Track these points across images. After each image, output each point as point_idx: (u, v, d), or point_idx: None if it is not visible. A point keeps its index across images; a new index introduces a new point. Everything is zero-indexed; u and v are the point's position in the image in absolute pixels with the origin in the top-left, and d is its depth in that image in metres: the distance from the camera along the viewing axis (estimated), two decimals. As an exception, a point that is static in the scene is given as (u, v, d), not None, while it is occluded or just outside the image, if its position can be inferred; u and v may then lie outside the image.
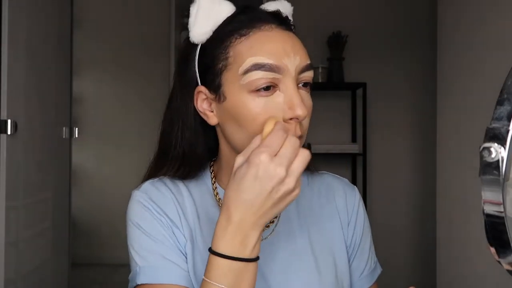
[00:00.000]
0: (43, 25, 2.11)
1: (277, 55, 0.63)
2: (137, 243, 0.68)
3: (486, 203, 0.37)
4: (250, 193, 0.55)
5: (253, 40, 0.65)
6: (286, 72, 0.64)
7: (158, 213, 0.69)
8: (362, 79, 2.78)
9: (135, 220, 0.69)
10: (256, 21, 0.66)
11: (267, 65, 0.63)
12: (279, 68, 0.63)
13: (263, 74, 0.63)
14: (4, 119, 1.72)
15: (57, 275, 2.32)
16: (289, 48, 0.64)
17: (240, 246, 0.56)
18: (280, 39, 0.65)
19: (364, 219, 0.81)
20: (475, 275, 1.70)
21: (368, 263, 0.80)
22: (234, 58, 0.65)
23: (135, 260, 0.68)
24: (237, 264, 0.56)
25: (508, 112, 0.36)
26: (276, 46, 0.64)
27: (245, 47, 0.64)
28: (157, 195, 0.71)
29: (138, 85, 3.79)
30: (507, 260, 0.38)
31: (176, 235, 0.69)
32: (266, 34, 0.65)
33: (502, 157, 0.35)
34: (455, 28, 1.89)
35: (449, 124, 1.93)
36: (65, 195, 2.44)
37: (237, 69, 0.64)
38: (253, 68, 0.63)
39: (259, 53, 0.63)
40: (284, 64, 0.63)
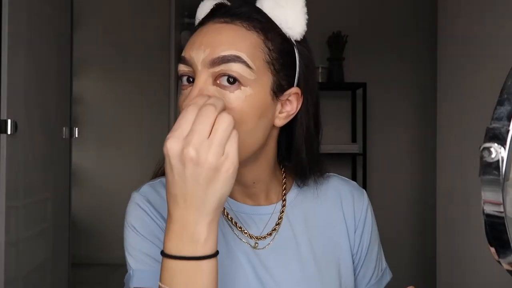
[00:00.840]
0: (43, 25, 2.11)
1: (189, 48, 0.62)
2: (131, 245, 0.67)
3: (486, 203, 0.37)
4: (174, 187, 0.51)
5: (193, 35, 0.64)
6: (194, 65, 0.61)
7: (155, 216, 0.68)
8: (362, 79, 2.78)
9: (130, 222, 0.68)
10: (208, 16, 0.65)
11: (182, 58, 0.62)
12: (187, 61, 0.61)
13: (181, 67, 0.62)
14: (4, 119, 1.72)
15: (57, 275, 2.32)
16: (204, 41, 0.61)
17: (187, 243, 0.51)
18: (205, 33, 0.62)
19: (372, 225, 0.78)
20: (475, 274, 1.70)
21: (375, 271, 0.77)
22: None
23: (129, 263, 0.67)
24: (187, 264, 0.51)
25: (508, 112, 0.36)
26: (195, 39, 0.62)
27: None
28: (155, 198, 0.69)
29: (138, 85, 3.79)
30: (507, 260, 0.38)
31: None
32: (201, 29, 0.63)
33: (502, 157, 0.35)
34: (455, 28, 1.89)
35: (449, 124, 1.93)
36: (65, 195, 2.44)
37: None
38: (179, 61, 0.63)
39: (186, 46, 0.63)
40: (191, 57, 0.61)
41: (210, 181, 0.50)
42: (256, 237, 0.69)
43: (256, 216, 0.70)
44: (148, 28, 3.73)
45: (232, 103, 0.58)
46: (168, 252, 0.52)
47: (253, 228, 0.70)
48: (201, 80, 0.59)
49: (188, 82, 0.62)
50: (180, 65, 0.63)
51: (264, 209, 0.71)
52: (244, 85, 0.59)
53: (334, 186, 0.78)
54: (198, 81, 0.59)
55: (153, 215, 0.68)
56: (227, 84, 0.59)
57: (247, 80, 0.59)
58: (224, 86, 0.59)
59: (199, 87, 0.59)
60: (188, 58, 0.61)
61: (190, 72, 0.62)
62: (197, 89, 0.59)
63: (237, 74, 0.58)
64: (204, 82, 0.59)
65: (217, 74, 0.59)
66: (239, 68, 0.59)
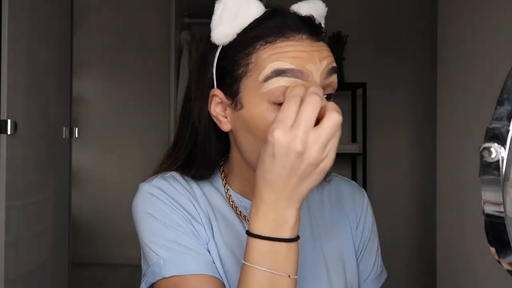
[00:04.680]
0: (43, 25, 2.11)
1: (301, 60, 0.58)
2: (156, 234, 0.64)
3: (486, 203, 0.37)
4: (270, 173, 0.53)
5: (278, 47, 0.59)
6: (310, 78, 0.58)
7: (175, 206, 0.66)
8: (362, 79, 2.78)
9: (147, 212, 0.65)
10: (285, 29, 0.60)
11: (288, 70, 0.58)
12: (302, 74, 0.58)
13: (285, 81, 0.58)
14: (4, 119, 1.72)
15: (57, 275, 2.32)
16: (315, 54, 0.60)
17: (276, 226, 0.54)
18: (309, 48, 0.60)
19: (372, 223, 0.80)
20: (475, 274, 1.70)
21: (374, 268, 0.79)
22: (255, 65, 0.60)
23: (155, 253, 0.63)
24: (275, 245, 0.54)
25: (508, 112, 0.36)
26: (301, 53, 0.59)
27: (268, 53, 0.59)
28: (170, 189, 0.67)
29: (138, 85, 3.79)
30: (507, 260, 0.38)
31: (197, 229, 0.66)
32: (294, 43, 0.60)
33: (502, 157, 0.35)
34: (455, 28, 1.89)
35: (449, 124, 1.93)
36: (65, 195, 2.44)
37: (258, 76, 0.59)
38: (273, 75, 0.58)
39: (281, 58, 0.58)
40: (308, 70, 0.58)
41: (308, 174, 0.52)
42: None
43: None
44: (148, 28, 3.73)
45: None
46: (257, 232, 0.54)
47: None
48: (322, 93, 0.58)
49: None
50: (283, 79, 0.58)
51: None
52: None
53: (335, 186, 0.79)
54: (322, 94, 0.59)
55: (170, 204, 0.66)
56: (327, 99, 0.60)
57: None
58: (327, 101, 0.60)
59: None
60: (304, 70, 0.58)
61: None
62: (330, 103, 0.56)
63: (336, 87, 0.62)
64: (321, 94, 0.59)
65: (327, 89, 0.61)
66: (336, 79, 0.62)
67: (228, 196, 0.71)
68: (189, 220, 0.66)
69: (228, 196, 0.71)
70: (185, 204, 0.66)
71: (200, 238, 0.65)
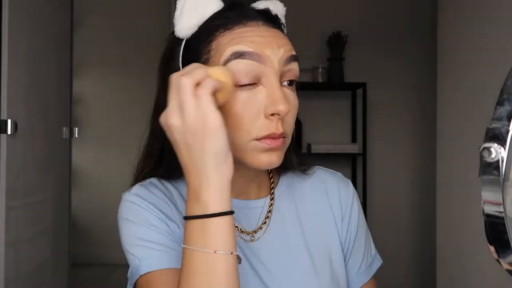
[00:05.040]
0: (43, 25, 2.11)
1: (259, 44, 0.61)
2: (132, 236, 0.66)
3: (486, 203, 0.37)
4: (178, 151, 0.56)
5: (236, 32, 0.63)
6: (269, 63, 0.61)
7: (150, 209, 0.68)
8: (362, 79, 2.78)
9: (126, 217, 0.68)
10: (243, 17, 0.64)
11: (247, 53, 0.61)
12: (260, 57, 0.61)
13: (244, 63, 0.61)
14: (4, 119, 1.72)
15: (57, 275, 2.32)
16: (272, 40, 0.63)
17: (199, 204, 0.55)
18: (265, 33, 0.63)
19: (358, 213, 0.80)
20: (475, 274, 1.70)
21: (364, 258, 0.80)
22: (216, 51, 0.63)
23: (133, 254, 0.65)
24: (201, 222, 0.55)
25: (508, 112, 0.36)
26: (259, 38, 0.62)
27: (227, 39, 0.63)
28: (148, 195, 0.69)
29: (138, 85, 3.79)
30: (507, 260, 0.38)
31: (172, 228, 0.68)
32: (251, 29, 0.63)
33: (502, 157, 0.35)
34: (455, 28, 1.89)
35: (449, 124, 1.93)
36: (65, 195, 2.44)
37: (218, 60, 0.62)
38: (233, 57, 0.61)
39: (240, 42, 0.62)
40: (266, 55, 0.61)
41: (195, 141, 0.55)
42: (248, 232, 0.71)
43: (247, 210, 0.72)
44: (148, 28, 3.73)
45: (296, 101, 0.66)
46: (186, 214, 0.57)
47: (244, 222, 0.71)
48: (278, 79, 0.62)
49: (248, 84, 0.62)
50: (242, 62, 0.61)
51: (255, 203, 0.73)
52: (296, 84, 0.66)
53: (320, 178, 0.80)
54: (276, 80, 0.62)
55: (146, 207, 0.67)
56: (288, 86, 0.65)
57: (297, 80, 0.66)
58: (288, 86, 0.65)
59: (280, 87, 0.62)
60: (262, 54, 0.61)
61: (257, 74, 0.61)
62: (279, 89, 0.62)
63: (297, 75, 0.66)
64: (277, 82, 0.63)
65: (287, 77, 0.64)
66: (297, 67, 0.65)
67: None
68: (164, 220, 0.67)
69: None
70: (161, 206, 0.68)
71: (174, 236, 0.67)
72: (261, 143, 0.62)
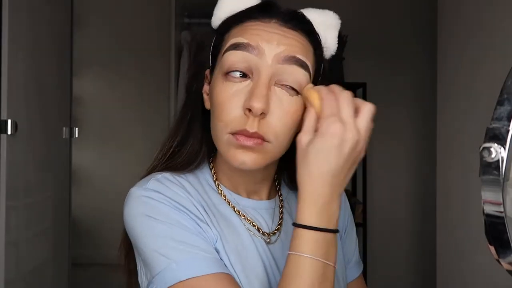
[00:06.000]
0: (43, 25, 2.11)
1: (257, 37, 0.60)
2: (163, 237, 0.59)
3: (486, 203, 0.37)
4: (333, 163, 0.55)
5: (244, 26, 0.63)
6: (262, 56, 0.60)
7: (176, 207, 0.62)
8: (362, 79, 2.78)
9: (149, 214, 0.61)
10: (261, 13, 0.64)
11: (242, 44, 0.60)
12: (254, 49, 0.60)
13: (239, 54, 0.60)
14: (4, 119, 1.72)
15: (57, 275, 2.31)
16: (274, 37, 0.61)
17: (329, 218, 0.56)
18: (271, 30, 0.62)
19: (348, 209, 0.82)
20: (475, 274, 1.70)
21: (355, 253, 0.81)
22: (225, 42, 0.64)
23: (165, 257, 0.58)
24: (327, 236, 0.56)
25: (508, 112, 0.36)
26: (261, 32, 0.61)
27: (235, 32, 0.63)
28: (168, 191, 0.64)
29: (138, 85, 3.79)
30: (507, 260, 0.38)
31: (204, 229, 0.63)
32: (259, 23, 0.62)
33: (502, 157, 0.35)
34: (455, 28, 1.89)
35: (449, 124, 1.93)
36: (65, 195, 2.44)
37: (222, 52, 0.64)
38: (230, 48, 0.61)
39: (242, 35, 0.61)
40: (261, 47, 0.60)
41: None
42: (267, 233, 0.70)
43: (262, 211, 0.71)
44: (148, 28, 3.73)
45: (292, 107, 0.61)
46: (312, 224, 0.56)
47: (262, 223, 0.70)
48: (268, 76, 0.60)
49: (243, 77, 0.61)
50: (236, 53, 0.61)
51: (267, 203, 0.72)
52: (299, 93, 0.62)
53: None
54: (266, 76, 0.60)
55: (170, 204, 0.62)
56: (287, 88, 0.61)
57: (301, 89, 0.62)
58: (286, 88, 0.61)
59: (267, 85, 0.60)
60: (256, 46, 0.60)
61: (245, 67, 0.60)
62: (265, 86, 0.59)
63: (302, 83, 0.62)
64: (269, 80, 0.60)
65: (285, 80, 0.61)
66: (305, 77, 0.62)
67: (220, 191, 0.70)
68: (194, 220, 0.63)
69: (219, 191, 0.70)
70: (187, 204, 0.63)
71: (207, 238, 0.62)
72: (234, 137, 0.60)
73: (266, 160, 0.62)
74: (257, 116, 0.59)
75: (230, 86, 0.61)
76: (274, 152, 0.63)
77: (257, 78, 0.60)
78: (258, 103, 0.57)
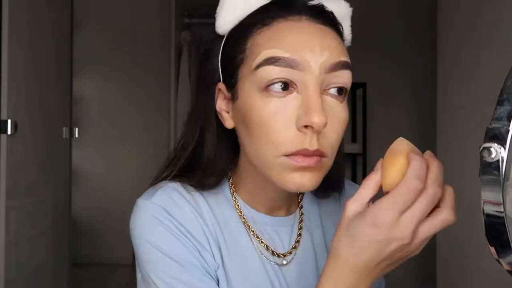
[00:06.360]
0: (43, 25, 2.11)
1: (297, 47, 0.53)
2: (160, 269, 0.57)
3: (486, 203, 0.37)
4: (366, 254, 0.47)
5: (274, 30, 0.54)
6: (307, 69, 0.52)
7: (182, 232, 0.59)
8: (362, 79, 2.78)
9: (154, 241, 0.58)
10: (285, 10, 0.56)
11: (282, 59, 0.52)
12: (297, 64, 0.52)
13: (278, 70, 0.52)
14: (4, 119, 1.72)
15: (57, 275, 2.31)
16: (315, 42, 0.53)
17: None
18: (308, 31, 0.54)
19: None
20: (475, 274, 1.70)
21: None
22: (251, 50, 0.55)
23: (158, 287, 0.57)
24: None
25: (508, 112, 0.36)
26: (299, 38, 0.53)
27: (264, 38, 0.54)
28: (176, 210, 0.59)
29: (138, 85, 3.79)
30: (507, 260, 0.38)
31: (205, 258, 0.60)
32: (291, 25, 0.54)
33: (502, 157, 0.35)
34: (455, 28, 1.89)
35: (449, 124, 1.93)
36: (65, 195, 2.43)
37: (252, 63, 0.54)
38: (266, 63, 0.53)
39: (277, 45, 0.53)
40: (305, 59, 0.52)
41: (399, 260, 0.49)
42: (282, 254, 0.65)
43: (279, 229, 0.66)
44: (148, 28, 3.73)
45: (343, 115, 0.56)
46: None
47: (276, 242, 0.65)
48: (318, 86, 0.53)
49: (284, 90, 0.53)
50: (275, 69, 0.52)
51: (286, 220, 0.67)
52: (346, 94, 0.58)
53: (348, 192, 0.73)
54: (315, 87, 0.53)
55: (176, 229, 0.59)
56: (336, 94, 0.56)
57: (348, 89, 0.57)
58: (335, 96, 0.56)
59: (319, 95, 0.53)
60: (299, 60, 0.52)
61: (293, 78, 0.53)
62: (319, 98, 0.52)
63: (348, 84, 0.56)
64: (319, 89, 0.53)
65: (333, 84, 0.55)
66: (349, 77, 0.57)
67: (237, 207, 0.65)
68: (197, 249, 0.59)
69: (236, 206, 0.65)
70: (193, 230, 0.59)
71: (209, 270, 0.59)
72: (290, 159, 0.53)
73: (323, 176, 0.56)
74: (318, 132, 0.52)
75: (274, 102, 0.53)
76: (329, 166, 0.57)
77: (306, 89, 0.53)
78: (319, 118, 0.51)
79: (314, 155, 0.53)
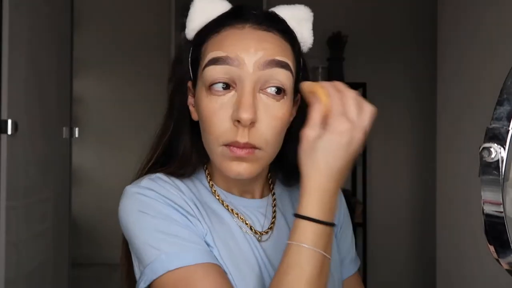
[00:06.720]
0: (43, 25, 2.11)
1: (234, 49, 0.61)
2: (154, 231, 0.62)
3: (486, 203, 0.37)
4: (342, 160, 0.57)
5: (221, 36, 0.63)
6: (242, 66, 0.60)
7: (168, 204, 0.64)
8: (362, 79, 2.78)
9: (142, 210, 0.63)
10: (233, 19, 0.64)
11: (221, 58, 0.61)
12: (233, 61, 0.60)
13: (219, 69, 0.61)
14: (4, 119, 1.72)
15: (57, 275, 2.32)
16: (251, 44, 0.61)
17: (330, 212, 0.58)
18: (248, 36, 0.62)
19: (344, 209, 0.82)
20: (475, 274, 1.70)
21: (351, 250, 0.81)
22: (204, 54, 0.65)
23: (155, 248, 0.61)
24: (327, 229, 0.58)
25: (508, 112, 0.36)
26: (238, 42, 0.61)
27: (213, 43, 0.64)
28: (161, 189, 0.66)
29: (138, 85, 3.79)
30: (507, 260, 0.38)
31: (194, 223, 0.65)
32: (234, 32, 0.63)
33: (502, 157, 0.35)
34: (455, 28, 1.89)
35: (449, 124, 1.93)
36: (65, 195, 2.44)
37: (202, 64, 0.64)
38: (210, 63, 0.62)
39: (219, 48, 0.62)
40: (240, 57, 0.60)
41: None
42: (260, 232, 0.70)
43: (254, 209, 0.72)
44: (148, 28, 3.73)
45: (279, 111, 0.63)
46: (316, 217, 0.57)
47: (255, 223, 0.71)
48: (251, 84, 0.60)
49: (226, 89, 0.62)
50: (216, 67, 0.61)
51: (260, 202, 0.73)
52: (286, 94, 0.63)
53: None
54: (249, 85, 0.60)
55: (163, 201, 0.64)
56: (274, 93, 0.62)
57: (287, 89, 0.63)
58: (272, 95, 0.62)
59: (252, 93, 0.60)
60: (235, 57, 0.60)
61: (232, 77, 0.61)
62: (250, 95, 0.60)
63: (285, 84, 0.62)
64: (253, 88, 0.61)
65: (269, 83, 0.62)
66: (287, 77, 0.63)
67: (214, 191, 0.71)
68: (185, 215, 0.65)
69: (213, 191, 0.71)
70: (178, 201, 0.65)
71: (197, 231, 0.65)
72: (228, 149, 0.62)
73: (260, 167, 0.64)
74: (246, 126, 0.60)
75: (215, 100, 0.62)
76: (267, 158, 0.64)
77: (241, 88, 0.60)
78: (246, 114, 0.59)
79: (245, 147, 0.61)
